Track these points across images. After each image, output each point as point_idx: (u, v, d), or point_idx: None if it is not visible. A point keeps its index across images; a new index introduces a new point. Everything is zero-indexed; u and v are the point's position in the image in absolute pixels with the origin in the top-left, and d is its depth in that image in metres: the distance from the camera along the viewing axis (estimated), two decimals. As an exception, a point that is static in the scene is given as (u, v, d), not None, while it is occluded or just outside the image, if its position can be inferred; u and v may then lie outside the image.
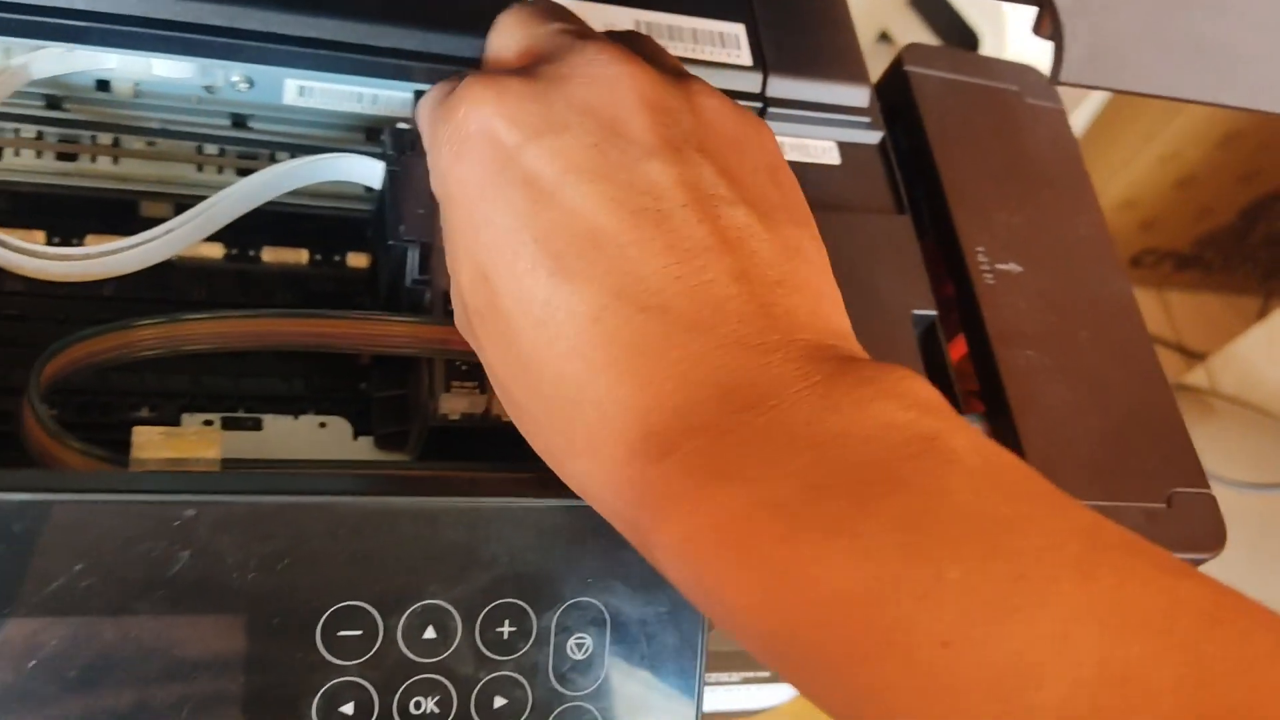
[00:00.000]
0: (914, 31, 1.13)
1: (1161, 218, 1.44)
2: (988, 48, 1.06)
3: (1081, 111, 1.28)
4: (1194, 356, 1.40)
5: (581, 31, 0.28)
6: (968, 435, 0.23)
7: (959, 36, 1.09)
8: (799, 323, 0.24)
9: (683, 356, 0.23)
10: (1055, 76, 0.20)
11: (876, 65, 0.46)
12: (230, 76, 0.35)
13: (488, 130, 0.26)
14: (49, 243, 0.36)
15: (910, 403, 0.23)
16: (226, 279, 0.39)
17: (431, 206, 0.34)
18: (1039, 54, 0.46)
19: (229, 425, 0.36)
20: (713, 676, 0.40)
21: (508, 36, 0.30)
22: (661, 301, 0.24)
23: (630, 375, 0.23)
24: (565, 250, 0.24)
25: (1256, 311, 1.55)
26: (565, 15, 0.30)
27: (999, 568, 0.20)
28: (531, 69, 0.27)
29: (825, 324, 0.25)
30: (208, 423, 0.35)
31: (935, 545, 0.20)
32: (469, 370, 0.34)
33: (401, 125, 0.36)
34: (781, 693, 0.43)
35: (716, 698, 0.42)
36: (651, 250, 0.24)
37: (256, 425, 0.36)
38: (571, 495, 0.29)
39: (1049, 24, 0.20)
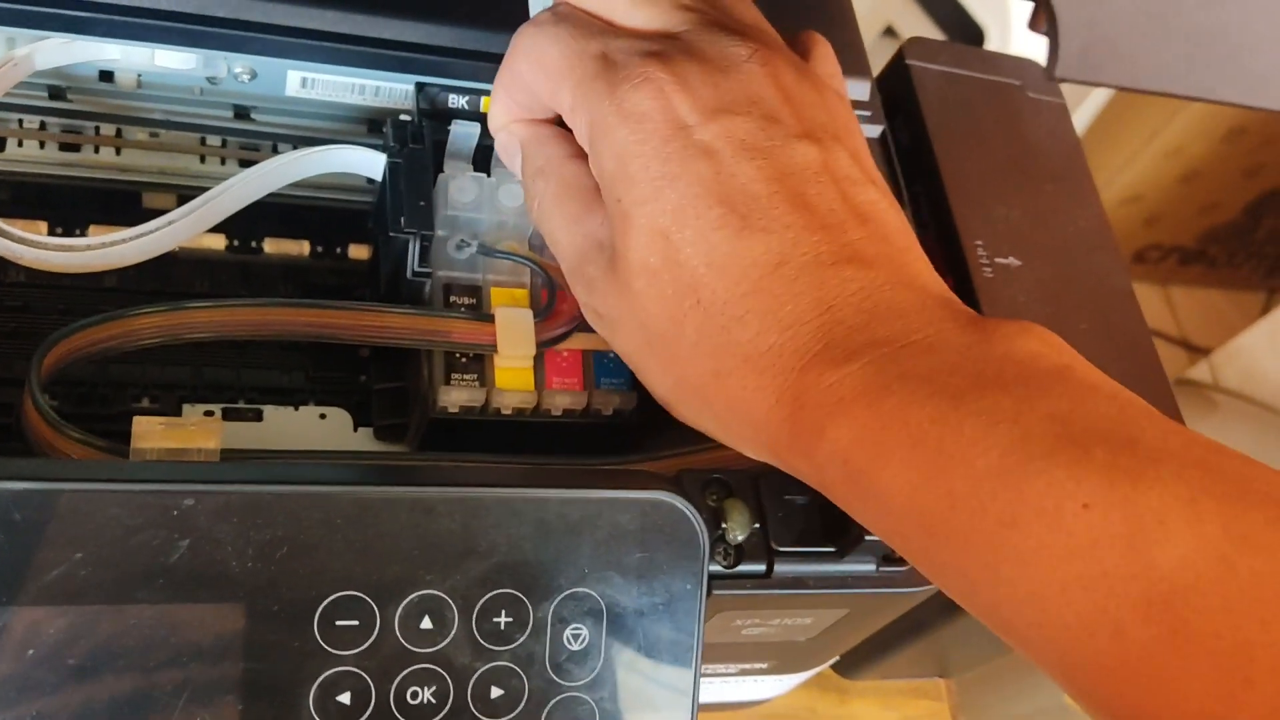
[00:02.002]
0: (919, 26, 1.13)
1: (1165, 213, 1.44)
2: (993, 42, 1.06)
3: (1085, 107, 1.28)
4: (1197, 351, 1.40)
5: (719, 22, 0.31)
6: (1100, 373, 0.27)
7: (964, 31, 1.09)
8: (928, 281, 0.29)
9: (857, 290, 0.28)
10: (1050, 73, 0.20)
11: (880, 60, 0.46)
12: (233, 68, 0.35)
13: (667, 108, 0.29)
14: (51, 233, 0.36)
15: (1048, 341, 0.27)
16: (228, 270, 0.39)
17: (431, 199, 0.34)
18: (1045, 49, 0.46)
19: (229, 416, 0.36)
20: (709, 668, 0.40)
21: (642, 9, 0.32)
22: (830, 250, 0.28)
23: (813, 302, 0.28)
24: (748, 210, 0.28)
25: (1260, 307, 1.55)
26: None
27: (1138, 452, 0.23)
28: (693, 53, 0.30)
29: (941, 285, 0.30)
30: (208, 414, 0.36)
31: (1083, 434, 0.24)
32: (468, 363, 0.34)
33: (404, 117, 0.36)
34: (777, 685, 0.43)
35: (713, 689, 0.42)
36: (814, 214, 0.29)
37: (257, 416, 0.36)
38: (569, 485, 0.29)
39: (1044, 19, 0.20)
